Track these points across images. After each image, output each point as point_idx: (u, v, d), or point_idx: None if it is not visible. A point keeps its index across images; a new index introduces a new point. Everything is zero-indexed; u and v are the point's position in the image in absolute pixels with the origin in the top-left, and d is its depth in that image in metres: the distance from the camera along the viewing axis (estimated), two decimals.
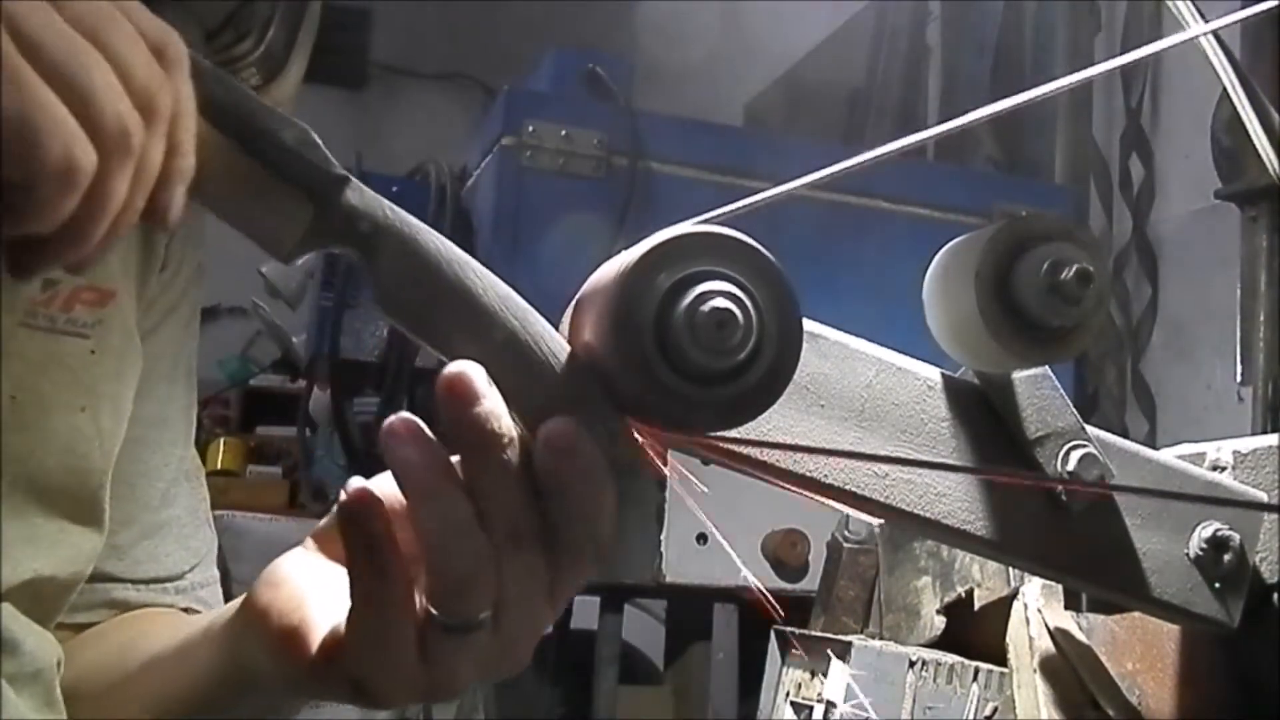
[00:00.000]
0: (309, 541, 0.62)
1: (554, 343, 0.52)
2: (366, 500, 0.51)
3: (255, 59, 0.74)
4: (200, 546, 0.83)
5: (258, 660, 0.59)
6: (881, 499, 0.58)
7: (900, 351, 0.61)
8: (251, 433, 3.10)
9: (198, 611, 0.80)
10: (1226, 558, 0.63)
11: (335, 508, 0.53)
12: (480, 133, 2.03)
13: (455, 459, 0.51)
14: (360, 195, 0.51)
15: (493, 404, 0.50)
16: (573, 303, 0.55)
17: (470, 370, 0.50)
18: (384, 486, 0.53)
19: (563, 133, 1.87)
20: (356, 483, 0.52)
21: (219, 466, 3.12)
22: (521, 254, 1.78)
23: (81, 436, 0.68)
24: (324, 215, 0.50)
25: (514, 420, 0.51)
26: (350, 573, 0.52)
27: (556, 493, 0.51)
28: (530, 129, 1.86)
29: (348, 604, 0.53)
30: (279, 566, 0.61)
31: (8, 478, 0.64)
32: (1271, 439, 0.70)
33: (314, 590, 0.59)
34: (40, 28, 0.43)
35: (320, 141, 0.51)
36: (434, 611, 0.52)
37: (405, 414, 0.51)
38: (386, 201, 0.52)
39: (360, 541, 0.51)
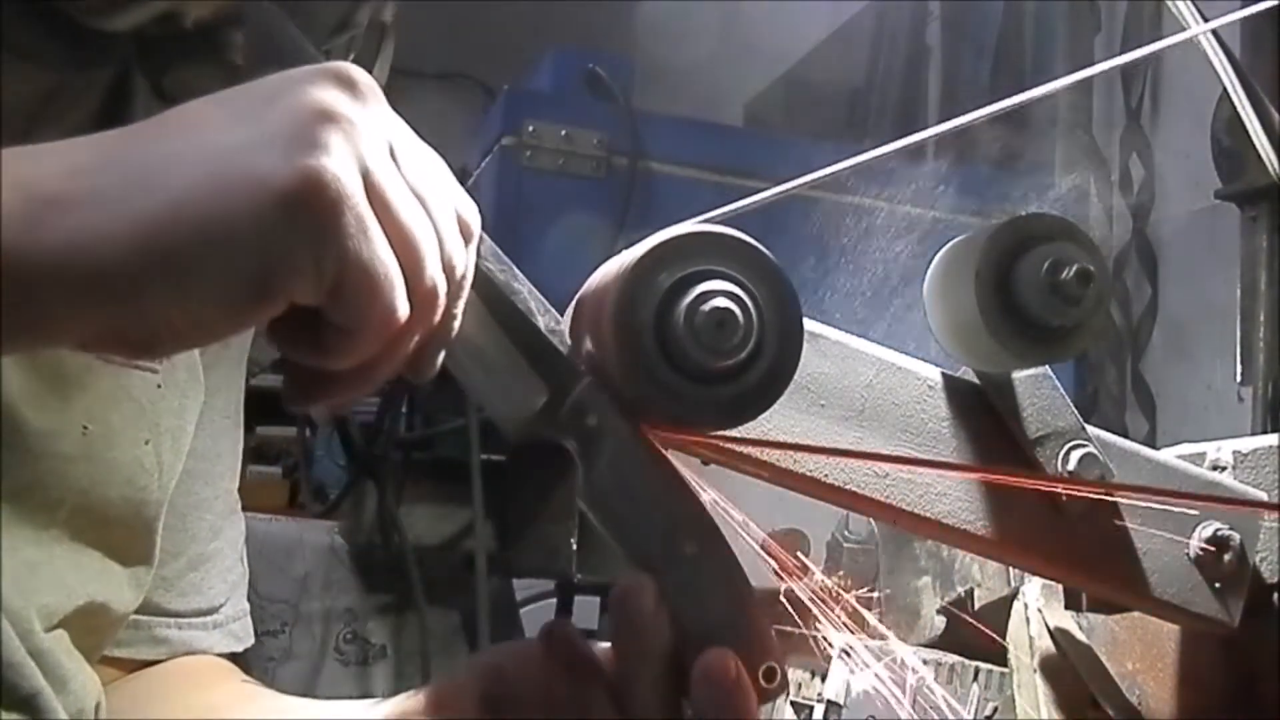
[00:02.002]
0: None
1: (731, 564, 0.54)
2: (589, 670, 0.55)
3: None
4: (235, 579, 0.84)
5: None
6: (881, 499, 0.58)
7: (901, 351, 0.61)
8: (251, 433, 3.10)
9: (232, 650, 0.81)
10: (1226, 558, 0.63)
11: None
12: (480, 133, 2.03)
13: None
14: (592, 394, 0.53)
15: (658, 621, 0.52)
16: (573, 302, 0.55)
17: (647, 586, 0.52)
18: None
19: (563, 133, 1.87)
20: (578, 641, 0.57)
21: None
22: (522, 254, 1.77)
23: (142, 469, 0.69)
24: (558, 403, 0.53)
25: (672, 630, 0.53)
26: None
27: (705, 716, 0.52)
28: (530, 129, 1.85)
29: None
30: None
31: (70, 506, 0.65)
32: (1271, 439, 0.70)
33: None
34: (389, 187, 0.45)
35: (566, 334, 0.54)
36: None
37: (563, 621, 0.58)
38: (613, 407, 0.53)
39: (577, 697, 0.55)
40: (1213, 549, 0.63)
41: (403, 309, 0.45)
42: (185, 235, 0.41)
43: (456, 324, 0.49)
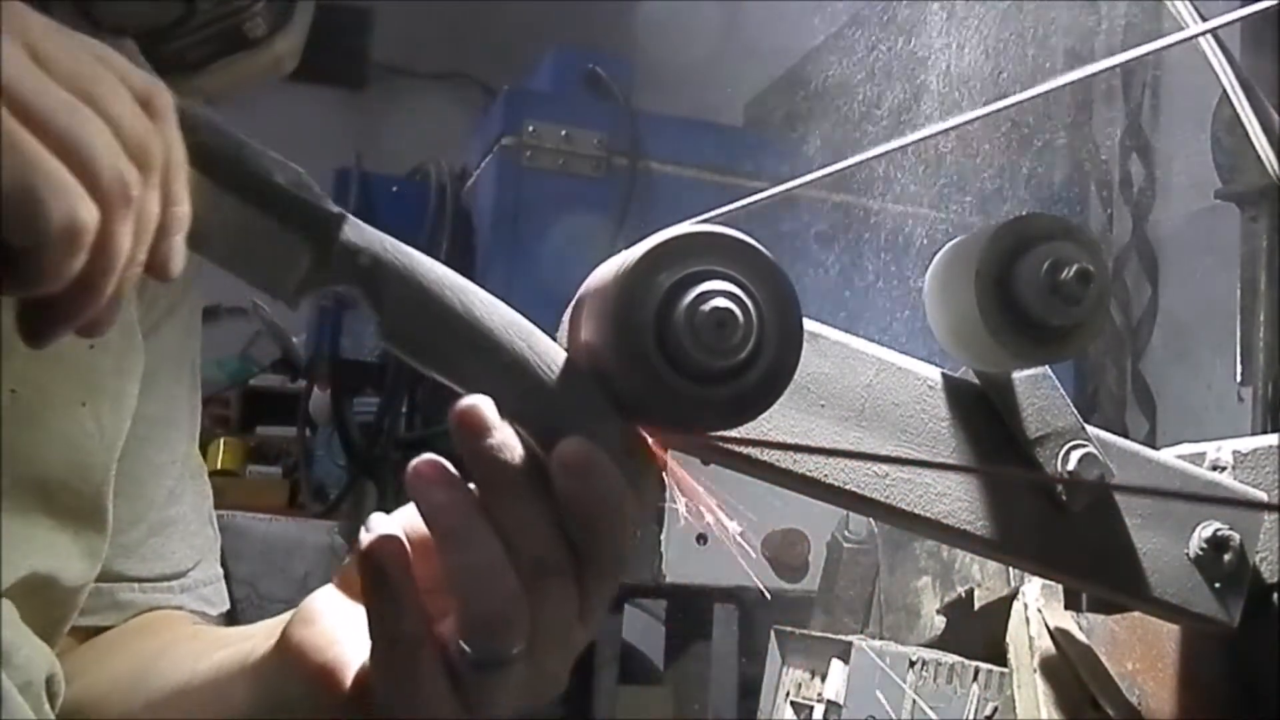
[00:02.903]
0: (335, 579, 0.62)
1: (558, 356, 0.52)
2: (388, 548, 0.51)
3: (260, 9, 0.74)
4: (203, 544, 0.83)
5: (295, 698, 0.59)
6: (881, 499, 0.58)
7: (901, 351, 0.61)
8: (251, 433, 3.09)
9: (204, 612, 0.81)
10: (1226, 558, 0.63)
11: (356, 550, 0.53)
12: (480, 133, 2.03)
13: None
14: (358, 231, 0.51)
15: (503, 435, 0.50)
16: (573, 302, 0.55)
17: (479, 403, 0.50)
18: (405, 519, 0.53)
19: (563, 133, 1.87)
20: (378, 526, 0.52)
21: (219, 466, 3.11)
22: (521, 254, 1.78)
23: (83, 432, 0.68)
24: (323, 254, 0.51)
25: (532, 446, 0.51)
26: (369, 615, 0.52)
27: (578, 513, 0.51)
28: (530, 129, 1.86)
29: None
30: (312, 603, 0.61)
31: (11, 473, 0.64)
32: (1271, 439, 0.70)
33: (346, 627, 0.59)
34: (35, 92, 0.43)
35: (313, 183, 0.51)
36: (466, 649, 0.52)
37: (431, 456, 0.51)
38: (384, 235, 0.52)
39: (381, 588, 0.51)
40: (1213, 549, 0.63)
41: (86, 213, 0.43)
42: None
43: (182, 211, 0.47)
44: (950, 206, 1.94)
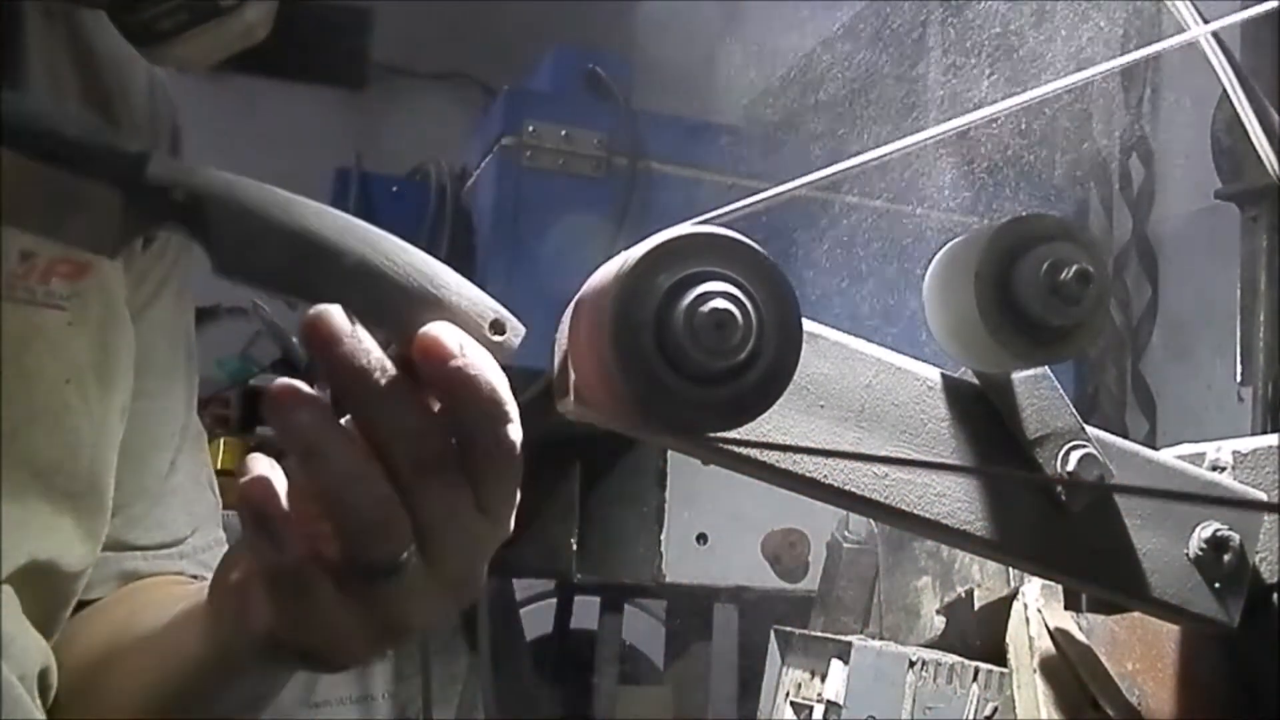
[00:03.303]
0: None
1: (407, 255, 0.50)
2: (258, 485, 0.51)
3: None
4: (201, 511, 0.84)
5: (230, 638, 0.60)
6: (881, 499, 0.58)
7: (900, 351, 0.61)
8: (251, 433, 3.09)
9: (203, 577, 0.81)
10: (1226, 558, 0.63)
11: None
12: (480, 133, 2.03)
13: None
14: (166, 167, 0.49)
15: (357, 338, 0.49)
16: (572, 303, 0.55)
17: (327, 310, 0.49)
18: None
19: (563, 133, 1.87)
20: (252, 466, 0.52)
21: (219, 467, 3.11)
22: (521, 254, 1.78)
23: (69, 409, 0.68)
24: (135, 198, 0.49)
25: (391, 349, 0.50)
26: (254, 554, 0.53)
27: (449, 401, 0.50)
28: (530, 129, 1.85)
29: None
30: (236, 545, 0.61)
31: (2, 459, 0.64)
32: (1271, 439, 0.70)
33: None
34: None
35: (105, 126, 0.49)
36: (351, 562, 0.51)
37: (285, 380, 0.51)
38: (197, 166, 0.49)
39: (257, 523, 0.52)
40: (1213, 549, 0.63)
41: None
42: None
43: None
44: (950, 207, 1.94)
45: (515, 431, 0.52)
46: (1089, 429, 0.62)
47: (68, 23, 0.72)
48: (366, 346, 0.49)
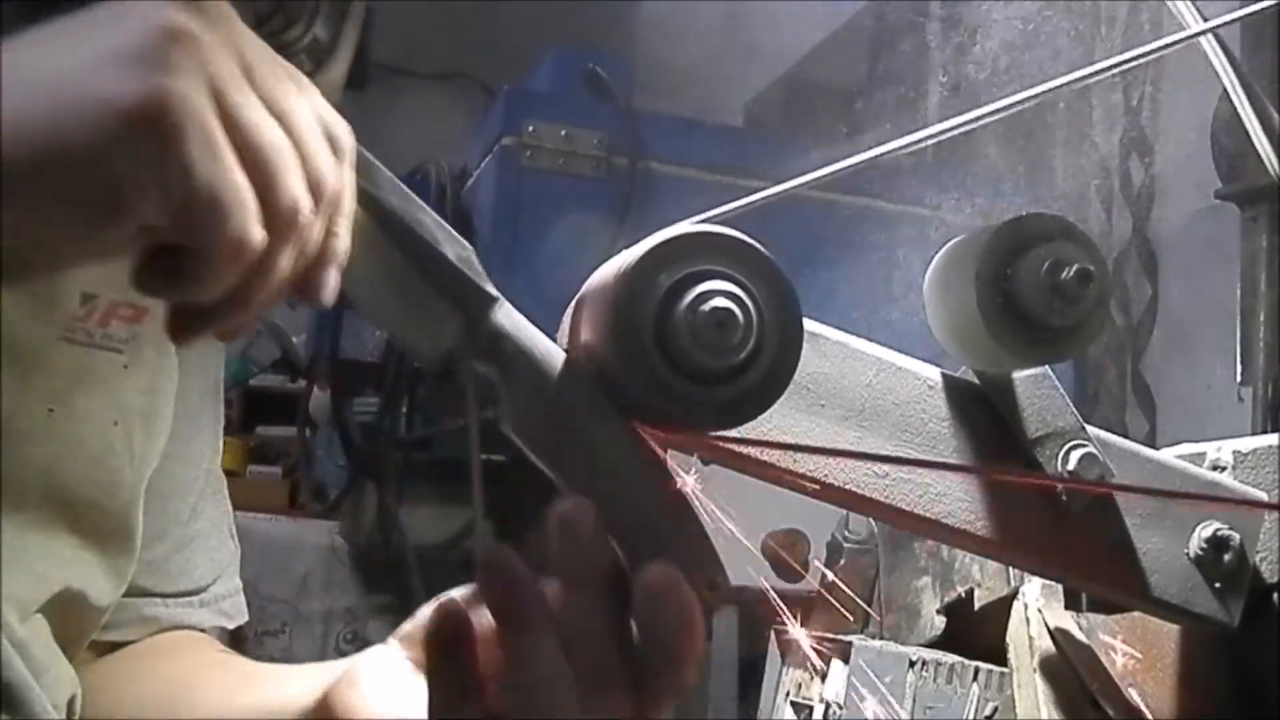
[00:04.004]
0: (392, 641, 0.63)
1: (663, 477, 0.52)
2: (454, 628, 0.52)
3: (304, 47, 0.74)
4: (223, 558, 0.84)
5: None
6: (881, 499, 0.58)
7: (900, 351, 0.61)
8: (251, 433, 3.09)
9: (222, 626, 0.81)
10: (1226, 557, 0.63)
11: (426, 624, 0.54)
12: (480, 133, 2.03)
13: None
14: (510, 318, 0.52)
15: (599, 544, 0.51)
16: (573, 302, 0.55)
17: (584, 509, 0.50)
18: (473, 597, 0.54)
19: (563, 133, 1.87)
20: (449, 604, 0.53)
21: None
22: (521, 254, 1.78)
23: (112, 451, 0.69)
24: (473, 332, 0.51)
25: (618, 558, 0.51)
26: (430, 688, 0.53)
27: (650, 634, 0.51)
28: (530, 129, 1.85)
29: (421, 713, 0.54)
30: (357, 666, 0.62)
31: (39, 490, 0.65)
32: (1271, 439, 0.70)
33: (389, 694, 0.60)
34: (240, 104, 0.43)
35: (477, 261, 0.52)
36: None
37: (502, 547, 0.52)
38: (533, 328, 0.52)
39: (444, 667, 0.52)
40: (1213, 549, 0.63)
41: (254, 231, 0.43)
42: (23, 156, 0.41)
43: (341, 244, 0.48)
44: (949, 207, 1.94)
45: (689, 687, 0.53)
46: (1089, 428, 0.62)
47: None
48: (603, 553, 0.51)
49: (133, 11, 0.43)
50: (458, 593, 0.56)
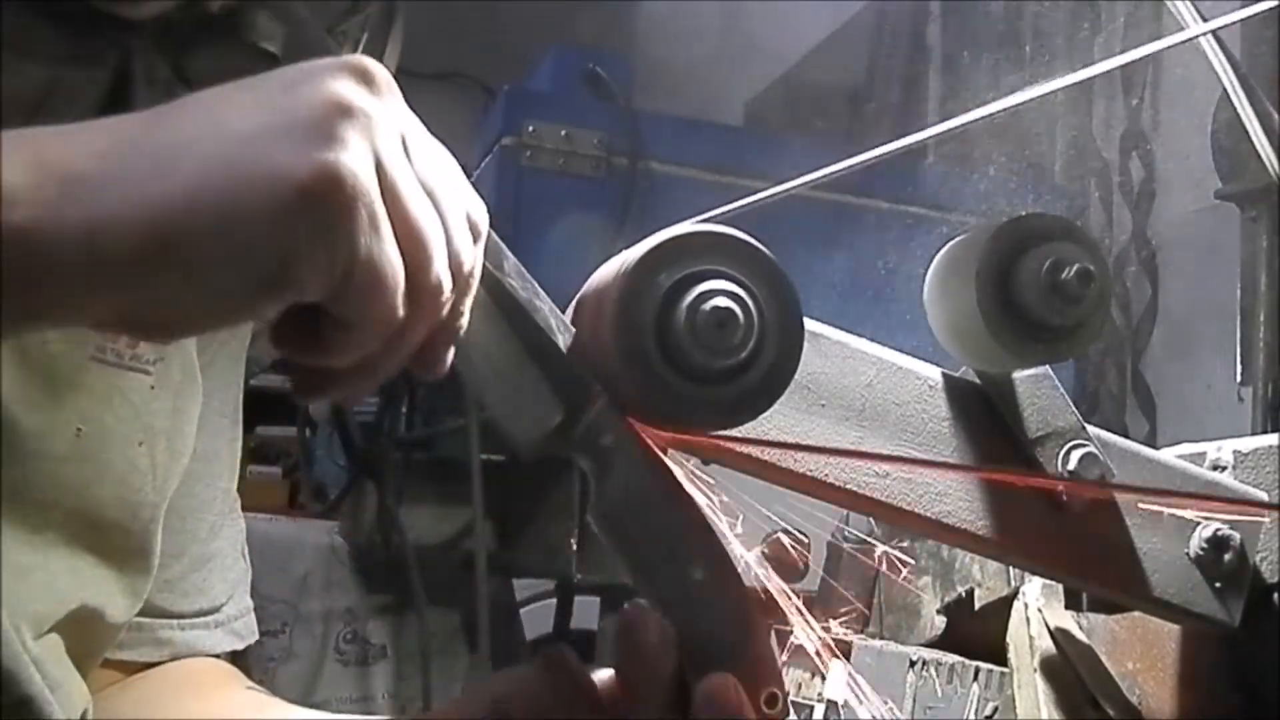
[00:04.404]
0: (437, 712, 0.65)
1: (737, 588, 0.53)
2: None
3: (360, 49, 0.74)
4: (235, 578, 0.84)
5: None
6: (881, 499, 0.58)
7: (900, 351, 0.61)
8: (251, 433, 3.09)
9: (234, 647, 0.81)
10: (1226, 558, 0.63)
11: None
12: (480, 133, 2.02)
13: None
14: (608, 412, 0.52)
15: (665, 649, 0.52)
16: (573, 302, 0.55)
17: (650, 618, 0.52)
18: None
19: (563, 133, 1.87)
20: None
21: None
22: (521, 254, 1.77)
23: (136, 471, 0.69)
24: (574, 422, 0.52)
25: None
26: None
27: None
28: (530, 129, 1.85)
29: None
30: None
31: (64, 509, 0.65)
32: (1271, 439, 0.70)
33: None
34: (400, 181, 0.44)
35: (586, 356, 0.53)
36: None
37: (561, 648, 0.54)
38: (625, 420, 0.53)
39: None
40: (1213, 549, 0.63)
41: (401, 310, 0.44)
42: (199, 223, 0.41)
43: (464, 321, 0.49)
44: (949, 206, 1.94)
45: None
46: (1089, 429, 0.62)
47: (169, 93, 0.72)
48: (668, 663, 0.52)
49: (306, 80, 0.44)
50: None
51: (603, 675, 0.55)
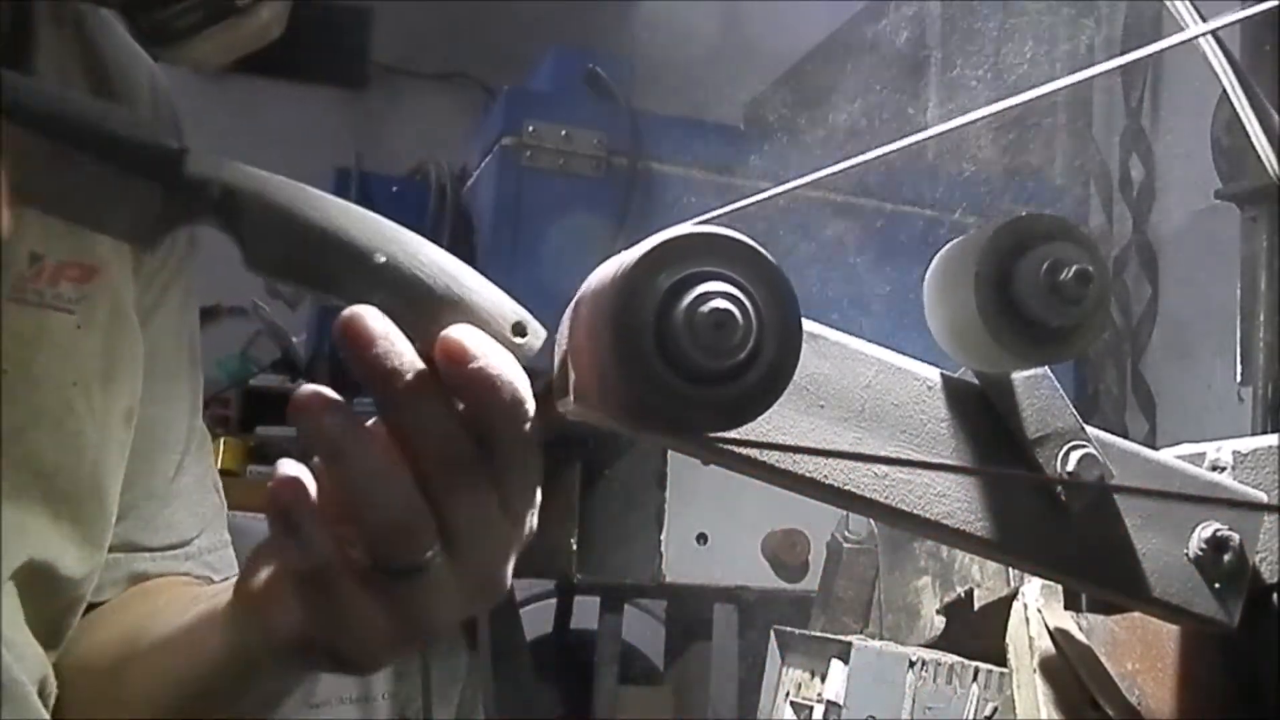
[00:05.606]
0: None
1: (432, 254, 0.51)
2: (286, 487, 0.52)
3: None
4: (206, 512, 0.84)
5: (252, 639, 0.60)
6: (881, 499, 0.58)
7: (900, 351, 0.61)
8: (251, 433, 3.09)
9: (209, 578, 0.82)
10: (1226, 558, 0.63)
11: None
12: (480, 133, 2.02)
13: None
14: (204, 163, 0.50)
15: (390, 341, 0.50)
16: (572, 303, 0.55)
17: (363, 311, 0.49)
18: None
19: (563, 133, 1.87)
20: (283, 469, 0.53)
21: (219, 466, 3.10)
22: (521, 254, 1.78)
23: (73, 413, 0.69)
24: (173, 193, 0.50)
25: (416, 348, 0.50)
26: (281, 556, 0.54)
27: (471, 402, 0.50)
28: (530, 129, 1.85)
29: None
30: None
31: (6, 456, 0.65)
32: (1271, 439, 0.70)
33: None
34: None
35: (150, 122, 0.51)
36: (377, 563, 0.52)
37: (311, 386, 0.51)
38: (233, 162, 0.51)
39: (284, 525, 0.52)
40: (1213, 549, 0.63)
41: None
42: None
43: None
44: (949, 207, 1.94)
45: (537, 438, 0.52)
46: (1089, 429, 0.62)
47: (76, 26, 0.73)
48: (400, 349, 0.50)
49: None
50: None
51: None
